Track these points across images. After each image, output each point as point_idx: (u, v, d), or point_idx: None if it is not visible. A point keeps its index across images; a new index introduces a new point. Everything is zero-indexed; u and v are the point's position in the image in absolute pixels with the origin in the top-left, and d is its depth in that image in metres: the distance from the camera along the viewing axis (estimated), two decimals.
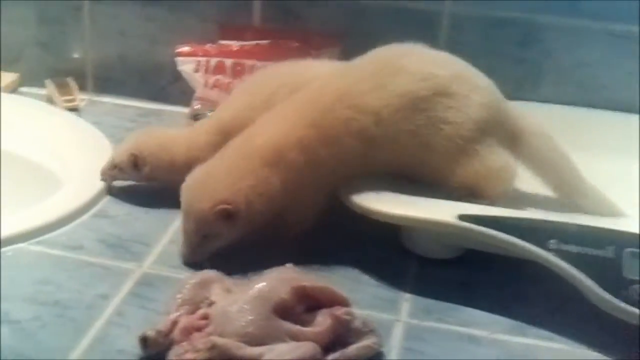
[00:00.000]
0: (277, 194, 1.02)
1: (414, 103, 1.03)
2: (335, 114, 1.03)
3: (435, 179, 1.05)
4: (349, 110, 1.02)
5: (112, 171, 1.18)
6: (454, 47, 1.21)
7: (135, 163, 1.15)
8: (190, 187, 1.03)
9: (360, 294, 0.98)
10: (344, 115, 1.02)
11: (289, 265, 0.93)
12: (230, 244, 1.03)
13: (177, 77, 1.40)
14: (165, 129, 1.26)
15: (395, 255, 1.07)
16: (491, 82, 1.09)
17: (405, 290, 1.01)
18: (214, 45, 1.35)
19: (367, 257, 1.06)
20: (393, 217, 1.01)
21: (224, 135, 1.09)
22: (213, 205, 1.00)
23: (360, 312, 0.91)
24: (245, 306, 0.86)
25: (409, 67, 1.05)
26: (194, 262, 1.02)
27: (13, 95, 1.49)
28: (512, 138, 1.08)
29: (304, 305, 0.89)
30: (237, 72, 1.30)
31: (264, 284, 0.88)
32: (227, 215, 1.00)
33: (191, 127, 1.24)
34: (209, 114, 1.28)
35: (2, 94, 1.45)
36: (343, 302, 0.91)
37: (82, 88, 1.49)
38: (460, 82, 1.05)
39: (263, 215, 1.02)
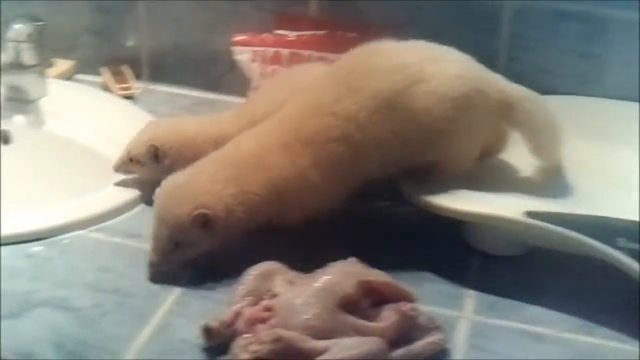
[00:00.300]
0: (259, 202, 0.99)
1: (389, 101, 0.99)
2: (317, 120, 1.00)
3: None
4: (330, 117, 0.99)
5: (127, 165, 1.14)
6: (516, 40, 1.20)
7: (156, 155, 1.11)
8: (167, 191, 0.99)
9: (424, 289, 0.96)
10: (325, 122, 0.99)
11: (352, 259, 0.92)
12: (202, 254, 0.99)
13: (232, 66, 1.39)
14: (181, 119, 1.24)
15: (458, 252, 1.05)
16: (467, 56, 1.06)
17: (469, 286, 0.99)
18: (270, 35, 1.34)
19: (429, 253, 1.05)
20: (457, 212, 0.99)
21: None
22: (191, 209, 0.95)
23: (424, 309, 0.90)
24: (311, 299, 0.85)
25: (378, 64, 1.02)
26: (162, 270, 0.98)
27: (69, 82, 1.49)
28: (501, 106, 1.04)
29: (369, 300, 0.88)
30: (294, 62, 1.28)
31: (330, 277, 0.87)
32: (205, 222, 0.95)
33: (212, 117, 1.21)
34: None
35: (58, 81, 1.46)
36: (408, 298, 0.89)
37: (137, 76, 1.49)
38: (432, 63, 1.01)
39: (242, 224, 0.98)
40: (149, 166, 1.12)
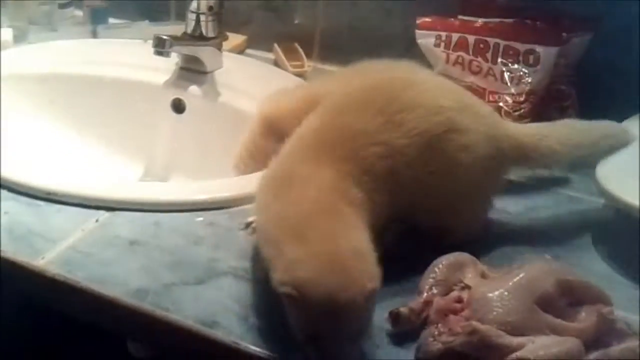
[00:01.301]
0: None
1: (430, 142, 0.93)
2: (366, 152, 0.91)
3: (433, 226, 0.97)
4: (378, 147, 0.91)
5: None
6: None
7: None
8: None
9: (613, 293, 0.91)
10: (373, 152, 0.91)
11: (547, 257, 0.89)
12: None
13: (408, 50, 1.37)
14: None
15: None
16: (489, 107, 1.02)
17: None
18: (455, 20, 1.30)
19: (619, 255, 1.00)
20: None
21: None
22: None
23: (617, 313, 0.86)
24: (508, 294, 0.83)
25: (417, 101, 0.94)
26: None
27: (242, 56, 1.50)
28: (517, 156, 1.01)
29: (565, 300, 0.85)
30: (480, 50, 1.25)
31: (528, 273, 0.84)
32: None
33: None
34: None
35: (233, 54, 1.47)
36: (606, 301, 0.86)
37: (308, 55, 1.48)
38: (467, 114, 0.96)
39: None
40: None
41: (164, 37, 1.30)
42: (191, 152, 1.38)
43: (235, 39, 1.53)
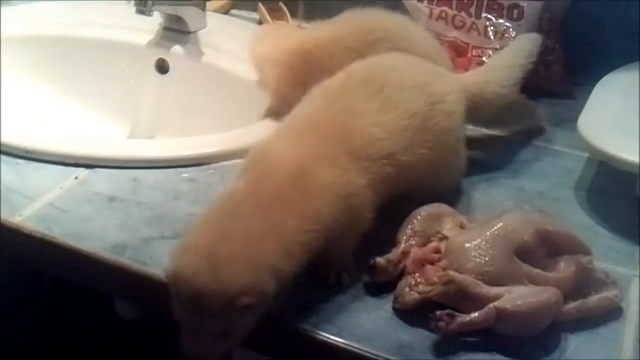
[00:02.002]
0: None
1: (423, 121, 0.92)
2: (362, 131, 0.88)
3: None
4: (376, 128, 0.89)
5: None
6: None
7: None
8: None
9: (595, 244, 0.91)
10: (371, 133, 0.88)
11: (527, 208, 0.88)
12: None
13: (392, 7, 1.35)
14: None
15: (632, 207, 1.00)
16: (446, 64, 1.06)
17: None
18: None
19: (601, 207, 1.00)
20: (634, 165, 0.93)
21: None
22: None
23: (598, 264, 0.86)
24: (485, 244, 0.82)
25: (405, 83, 0.94)
26: None
27: (226, 17, 1.49)
28: (471, 105, 1.02)
29: (544, 250, 0.84)
30: (463, 4, 1.23)
31: (506, 223, 0.84)
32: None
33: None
34: None
35: (216, 14, 1.45)
36: (585, 251, 0.86)
37: (292, 13, 1.47)
38: (442, 82, 0.98)
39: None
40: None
41: None
42: (176, 111, 1.37)
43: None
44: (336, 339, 0.80)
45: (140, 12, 1.29)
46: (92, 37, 1.41)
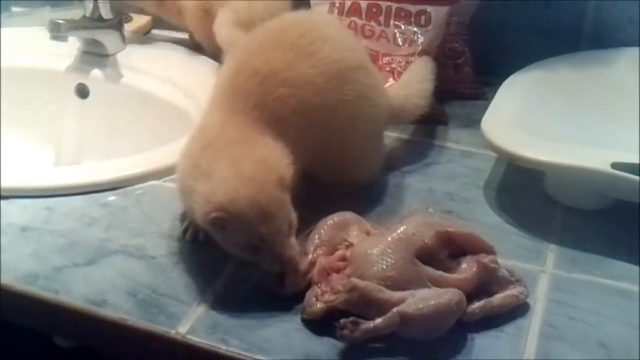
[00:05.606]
0: None
1: (344, 72, 0.96)
2: (274, 95, 0.92)
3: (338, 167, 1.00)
4: (284, 88, 0.92)
5: None
6: None
7: None
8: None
9: (504, 243, 0.93)
10: (280, 93, 0.92)
11: (431, 210, 0.90)
12: None
13: None
14: None
15: (539, 205, 1.02)
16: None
17: (550, 240, 0.96)
18: None
19: (510, 206, 1.02)
20: (540, 164, 0.96)
21: None
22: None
23: (504, 262, 0.87)
24: (387, 249, 0.83)
25: (333, 35, 0.98)
26: None
27: (145, 37, 1.49)
28: (392, 117, 1.07)
29: (447, 252, 0.86)
30: (372, 14, 1.24)
31: (407, 227, 0.85)
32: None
33: None
34: None
35: (135, 35, 1.46)
36: (488, 250, 0.87)
37: None
38: (372, 65, 1.05)
39: None
40: None
41: (59, 21, 1.29)
42: (99, 135, 1.37)
43: (139, 20, 1.52)
44: (246, 354, 0.80)
45: (55, 38, 1.29)
46: (11, 65, 1.41)
